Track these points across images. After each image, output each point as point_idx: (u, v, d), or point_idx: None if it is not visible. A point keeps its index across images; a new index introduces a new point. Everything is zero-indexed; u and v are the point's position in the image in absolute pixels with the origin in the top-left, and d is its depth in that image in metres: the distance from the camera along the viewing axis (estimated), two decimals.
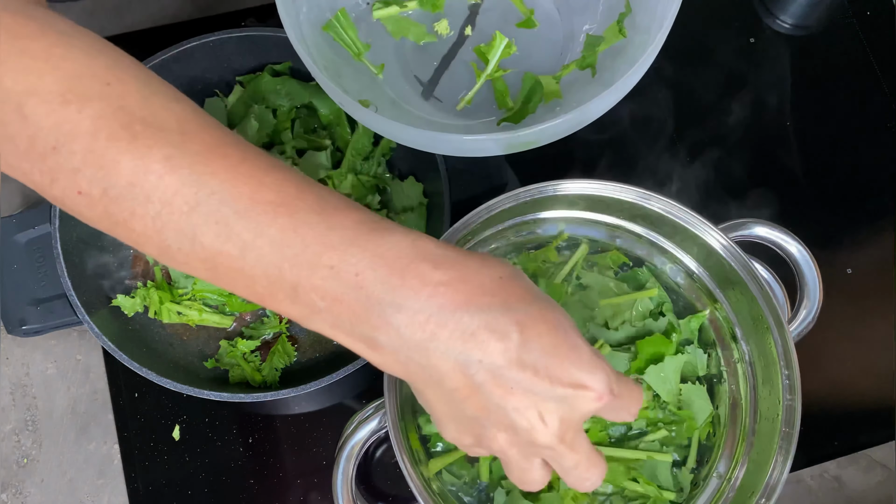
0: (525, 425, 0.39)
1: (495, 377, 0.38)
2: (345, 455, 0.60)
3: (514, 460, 0.42)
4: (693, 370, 0.67)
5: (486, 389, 0.38)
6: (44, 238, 0.72)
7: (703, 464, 0.66)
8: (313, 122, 0.80)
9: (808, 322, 0.66)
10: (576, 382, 0.39)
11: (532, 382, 0.38)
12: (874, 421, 0.80)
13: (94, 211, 0.38)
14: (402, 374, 0.41)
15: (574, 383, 0.39)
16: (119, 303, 0.73)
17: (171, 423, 0.76)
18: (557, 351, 0.39)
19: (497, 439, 0.41)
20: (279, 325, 0.76)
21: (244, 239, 0.37)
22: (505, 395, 0.38)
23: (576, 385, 0.39)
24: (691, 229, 0.65)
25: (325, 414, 0.77)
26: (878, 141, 0.88)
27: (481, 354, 0.37)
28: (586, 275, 0.69)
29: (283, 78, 0.78)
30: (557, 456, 0.41)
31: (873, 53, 0.90)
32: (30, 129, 0.37)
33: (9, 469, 0.75)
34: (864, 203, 0.86)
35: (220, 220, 0.37)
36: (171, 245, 0.38)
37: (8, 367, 0.77)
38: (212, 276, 0.39)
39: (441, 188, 0.73)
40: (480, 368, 0.38)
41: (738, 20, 0.91)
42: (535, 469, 0.42)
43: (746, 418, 0.65)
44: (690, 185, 0.85)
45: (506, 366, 0.38)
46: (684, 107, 0.86)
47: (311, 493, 0.75)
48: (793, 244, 0.66)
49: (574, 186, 0.65)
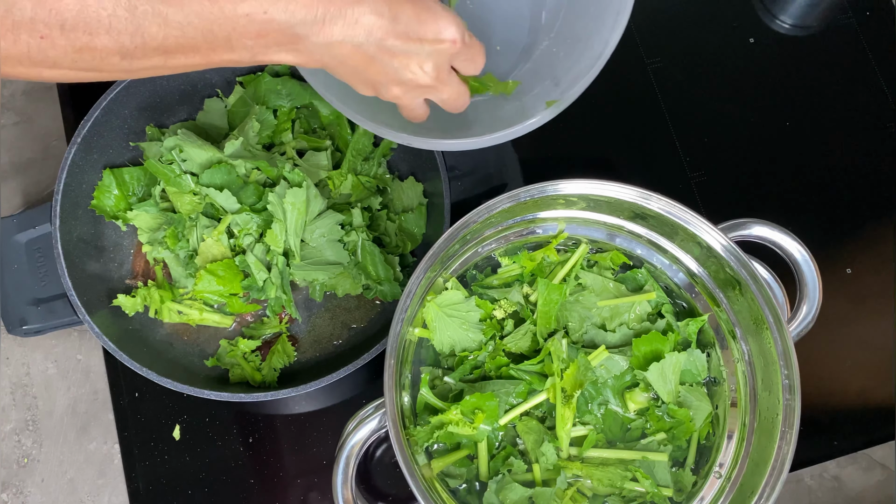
0: (410, 77, 0.55)
1: (380, 48, 0.52)
2: (345, 455, 0.60)
3: (406, 103, 0.59)
4: (693, 377, 0.67)
5: (378, 58, 0.53)
6: (44, 238, 0.73)
7: (703, 464, 0.66)
8: (313, 123, 0.80)
9: (808, 322, 0.66)
10: (437, 38, 0.54)
11: (407, 45, 0.53)
12: (874, 421, 0.80)
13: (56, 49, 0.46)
14: (320, 66, 0.54)
15: (436, 39, 0.54)
16: (119, 303, 0.73)
17: (172, 422, 0.76)
18: (420, 17, 0.52)
19: (393, 90, 0.57)
20: (279, 326, 0.76)
21: (179, 21, 0.47)
22: (391, 58, 0.53)
23: (437, 40, 0.54)
24: (691, 229, 0.65)
25: (325, 414, 0.77)
26: (877, 141, 0.88)
27: (366, 34, 0.51)
28: (585, 275, 0.69)
29: (284, 78, 0.79)
30: (437, 92, 0.58)
31: (873, 53, 0.90)
32: None
33: (9, 469, 0.75)
34: (864, 203, 0.86)
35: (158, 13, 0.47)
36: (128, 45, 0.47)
37: (8, 367, 0.77)
38: (165, 60, 0.49)
39: (441, 188, 0.73)
40: (369, 46, 0.52)
41: (738, 20, 0.91)
42: (420, 106, 0.60)
43: (746, 418, 0.65)
44: (690, 184, 0.85)
45: (385, 37, 0.52)
46: (684, 107, 0.87)
47: (311, 492, 0.75)
48: (793, 244, 0.66)
49: (574, 186, 0.65)
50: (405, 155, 0.81)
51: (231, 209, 0.73)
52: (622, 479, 0.64)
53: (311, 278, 0.74)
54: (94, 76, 0.50)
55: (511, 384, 0.65)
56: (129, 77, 0.51)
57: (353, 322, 0.78)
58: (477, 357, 0.67)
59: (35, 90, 0.85)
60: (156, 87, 0.76)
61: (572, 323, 0.68)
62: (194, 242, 0.73)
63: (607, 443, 0.67)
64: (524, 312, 0.69)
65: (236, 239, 0.73)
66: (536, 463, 0.64)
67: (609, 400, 0.67)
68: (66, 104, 0.84)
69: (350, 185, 0.77)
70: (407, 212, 0.78)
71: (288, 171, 0.73)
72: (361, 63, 0.53)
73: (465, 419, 0.62)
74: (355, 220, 0.75)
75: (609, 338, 0.68)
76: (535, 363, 0.66)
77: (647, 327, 0.68)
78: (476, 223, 0.63)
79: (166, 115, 0.79)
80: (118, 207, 0.76)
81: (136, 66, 0.49)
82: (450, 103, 0.60)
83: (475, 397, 0.62)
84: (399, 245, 0.78)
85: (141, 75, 0.51)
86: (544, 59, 0.70)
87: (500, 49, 0.71)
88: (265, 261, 0.73)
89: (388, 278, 0.75)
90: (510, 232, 0.70)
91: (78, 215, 0.73)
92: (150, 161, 0.74)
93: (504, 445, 0.66)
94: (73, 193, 0.72)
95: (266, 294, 0.73)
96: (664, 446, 0.66)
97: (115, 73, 0.50)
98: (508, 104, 0.68)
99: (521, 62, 0.71)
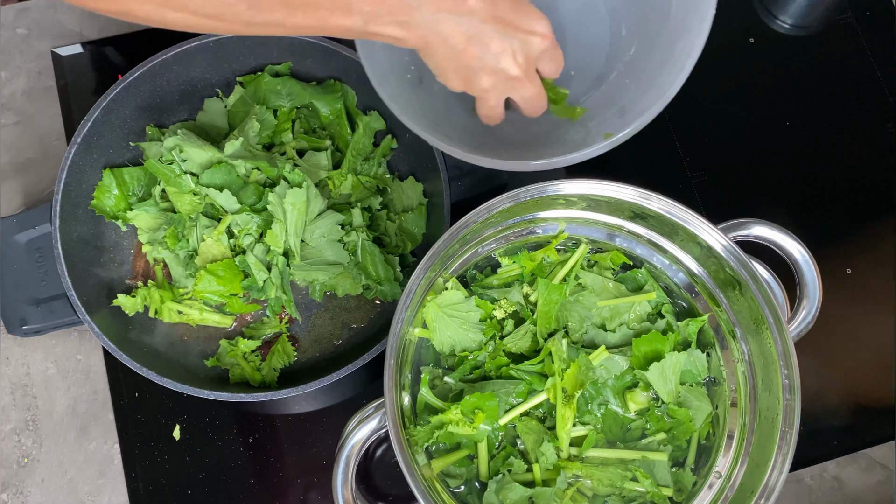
0: (503, 66, 0.59)
1: (479, 29, 0.56)
2: (345, 455, 0.60)
3: (490, 98, 0.62)
4: (693, 377, 0.67)
5: (476, 39, 0.57)
6: (44, 238, 0.72)
7: (703, 464, 0.66)
8: (313, 123, 0.80)
9: (808, 322, 0.66)
10: (530, 29, 0.58)
11: (504, 30, 0.57)
12: (874, 421, 0.80)
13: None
14: (422, 44, 0.57)
15: (529, 30, 0.58)
16: (120, 303, 0.73)
17: (172, 422, 0.76)
18: (516, 8, 0.58)
19: (483, 81, 0.60)
20: (279, 326, 0.76)
21: None
22: (488, 41, 0.57)
23: (530, 31, 0.58)
24: (691, 229, 0.65)
25: (325, 414, 0.77)
26: (878, 141, 0.88)
27: (469, 14, 0.55)
28: (585, 275, 0.69)
29: (284, 78, 0.79)
30: (522, 88, 0.61)
31: (873, 53, 0.90)
32: None
33: (9, 469, 0.75)
34: (864, 203, 0.86)
35: None
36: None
37: (8, 367, 0.77)
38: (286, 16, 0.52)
39: (441, 188, 0.73)
40: (471, 25, 0.56)
41: (738, 20, 0.91)
42: (500, 106, 0.63)
43: (746, 418, 0.65)
44: (690, 184, 0.85)
45: (485, 19, 0.56)
46: (684, 107, 0.86)
47: (311, 492, 0.75)
48: (793, 244, 0.66)
49: (574, 186, 0.65)
50: (405, 155, 0.81)
51: (231, 209, 0.73)
52: (622, 479, 0.64)
53: (311, 278, 0.74)
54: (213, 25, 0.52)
55: (511, 384, 0.65)
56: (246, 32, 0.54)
57: (353, 322, 0.78)
58: (477, 357, 0.67)
59: (35, 90, 0.85)
60: (156, 87, 0.76)
61: (572, 323, 0.68)
62: (194, 242, 0.73)
63: (607, 443, 0.67)
64: (524, 312, 0.69)
65: (236, 239, 0.73)
66: (536, 463, 0.64)
67: (609, 400, 0.67)
68: (66, 104, 0.84)
69: (350, 185, 0.77)
70: (407, 212, 0.78)
71: (288, 171, 0.73)
72: (461, 42, 0.57)
73: (465, 419, 0.62)
74: (355, 220, 0.75)
75: (609, 338, 0.68)
76: (535, 363, 0.66)
77: (647, 327, 0.68)
78: (476, 223, 0.63)
79: (166, 115, 0.79)
80: (118, 207, 0.76)
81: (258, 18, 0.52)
82: (530, 103, 0.63)
83: (475, 397, 0.62)
84: (399, 245, 0.78)
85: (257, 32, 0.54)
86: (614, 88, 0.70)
87: (574, 74, 0.71)
88: (265, 261, 0.73)
89: (388, 278, 0.75)
90: (510, 232, 0.70)
91: (78, 215, 0.73)
92: (150, 161, 0.74)
93: (504, 445, 0.66)
94: (73, 193, 0.72)
95: (266, 294, 0.73)
96: (664, 446, 0.66)
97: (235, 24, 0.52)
98: (573, 129, 0.68)
99: (591, 89, 0.71)
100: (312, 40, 0.75)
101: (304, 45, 0.76)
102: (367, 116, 0.79)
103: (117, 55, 0.86)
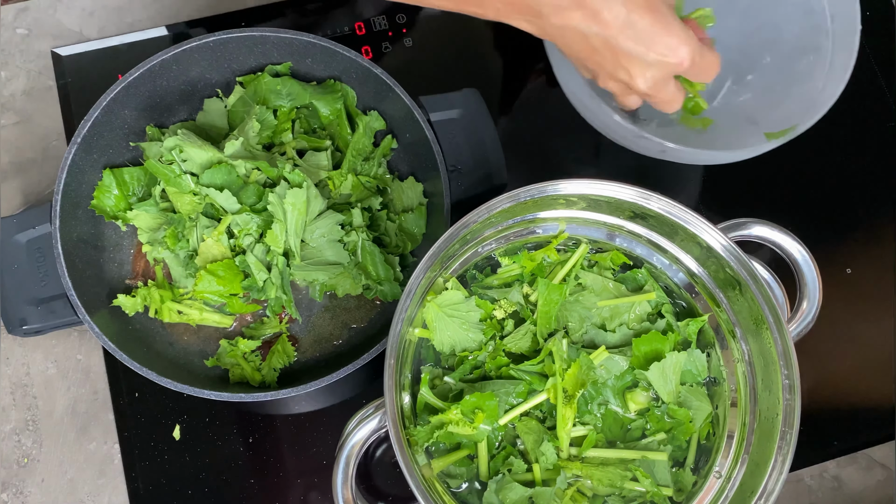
0: (627, 79, 0.58)
1: (607, 44, 0.55)
2: (345, 455, 0.60)
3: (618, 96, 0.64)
4: (693, 377, 0.67)
5: (602, 52, 0.56)
6: (44, 238, 0.72)
7: (703, 464, 0.66)
8: (313, 123, 0.80)
9: (808, 322, 0.67)
10: (665, 53, 0.56)
11: (635, 48, 0.55)
12: (874, 421, 0.80)
13: None
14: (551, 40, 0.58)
15: (664, 54, 0.56)
16: (120, 302, 0.73)
17: (172, 422, 0.76)
18: (654, 28, 0.55)
19: (608, 84, 0.61)
20: (279, 325, 0.76)
21: None
22: (615, 56, 0.56)
23: (664, 55, 0.56)
24: (691, 229, 0.65)
25: (325, 414, 0.77)
26: (878, 141, 0.88)
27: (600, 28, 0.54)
28: (585, 275, 0.69)
29: (284, 78, 0.78)
30: (649, 98, 0.61)
31: (873, 53, 0.90)
32: None
33: (9, 469, 0.75)
34: (864, 203, 0.86)
35: None
36: None
37: (8, 367, 0.77)
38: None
39: (441, 188, 0.73)
40: (598, 37, 0.55)
41: None
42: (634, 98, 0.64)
43: (746, 418, 0.65)
44: (690, 184, 0.85)
45: (616, 36, 0.55)
46: None
47: (311, 492, 0.75)
48: (793, 244, 0.66)
49: (574, 186, 0.65)
50: (405, 155, 0.81)
51: (231, 209, 0.73)
52: (622, 479, 0.64)
53: (312, 278, 0.74)
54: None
55: (511, 384, 0.65)
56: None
57: (353, 322, 0.78)
58: (477, 357, 0.67)
59: (35, 90, 0.85)
60: (156, 87, 0.76)
61: (572, 323, 0.68)
62: (194, 242, 0.73)
63: (607, 443, 0.67)
64: (524, 312, 0.69)
65: (236, 239, 0.73)
66: (536, 463, 0.64)
67: (609, 400, 0.67)
68: (66, 104, 0.84)
69: (350, 185, 0.77)
70: (407, 212, 0.78)
71: (288, 171, 0.73)
72: (585, 51, 0.57)
73: (465, 419, 0.62)
74: (355, 221, 0.75)
75: (609, 338, 0.68)
76: (535, 363, 0.66)
77: (647, 327, 0.68)
78: (476, 223, 0.63)
79: (166, 115, 0.79)
80: (118, 207, 0.76)
81: None
82: (660, 106, 0.63)
83: (475, 397, 0.62)
84: (399, 245, 0.78)
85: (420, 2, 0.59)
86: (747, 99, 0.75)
87: None
88: (265, 261, 0.73)
89: (388, 278, 0.75)
90: (510, 232, 0.70)
91: (78, 215, 0.73)
92: (150, 161, 0.74)
93: (504, 445, 0.66)
94: (73, 193, 0.72)
95: (266, 294, 0.73)
96: (664, 446, 0.66)
97: None
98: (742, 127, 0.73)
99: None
100: (312, 40, 0.75)
101: (304, 45, 0.76)
102: (367, 116, 0.79)
103: (117, 55, 0.86)
